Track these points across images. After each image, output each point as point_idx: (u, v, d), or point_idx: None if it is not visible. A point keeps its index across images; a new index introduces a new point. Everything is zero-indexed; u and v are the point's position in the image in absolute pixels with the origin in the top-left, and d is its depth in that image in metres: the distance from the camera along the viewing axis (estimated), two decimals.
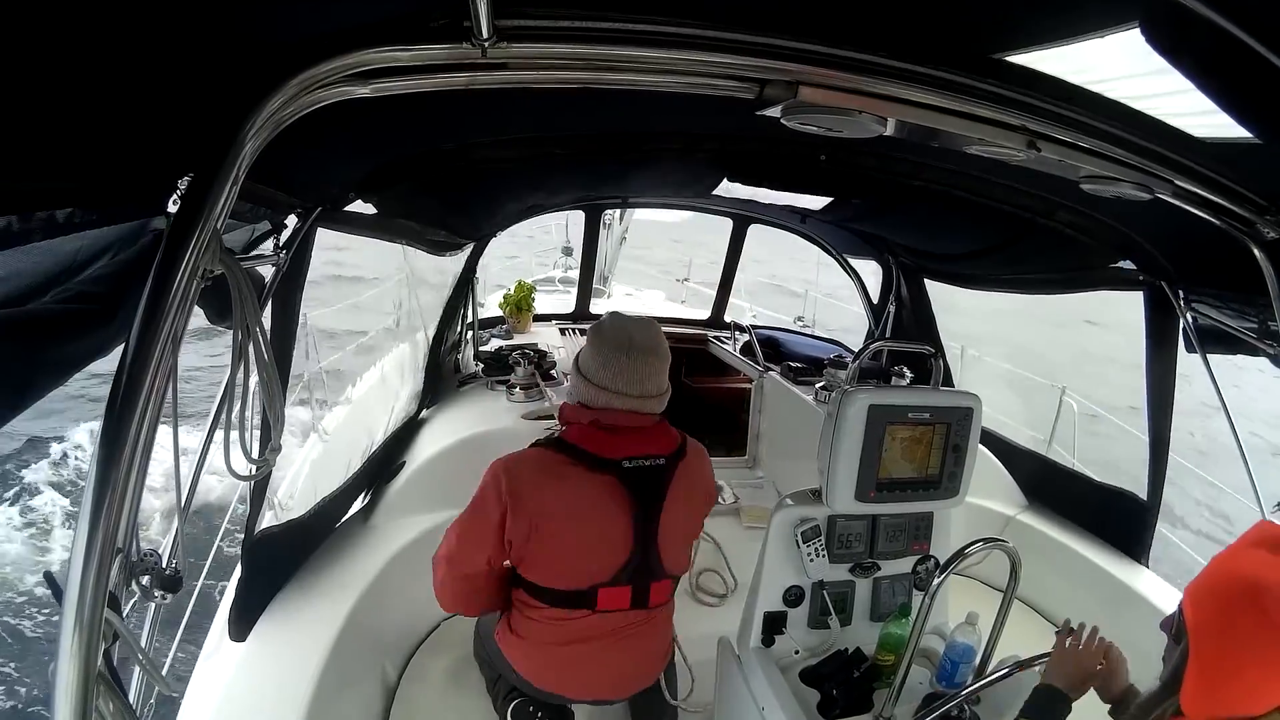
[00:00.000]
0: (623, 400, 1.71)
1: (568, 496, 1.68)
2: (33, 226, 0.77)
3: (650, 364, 1.72)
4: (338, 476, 2.62)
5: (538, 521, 1.66)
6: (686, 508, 1.83)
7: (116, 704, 0.89)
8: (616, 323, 1.78)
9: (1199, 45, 0.87)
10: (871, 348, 2.46)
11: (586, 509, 1.69)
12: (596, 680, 1.88)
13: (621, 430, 1.73)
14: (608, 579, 1.73)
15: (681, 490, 1.78)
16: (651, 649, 1.93)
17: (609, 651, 1.82)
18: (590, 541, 1.71)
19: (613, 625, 1.79)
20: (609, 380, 1.71)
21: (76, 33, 0.67)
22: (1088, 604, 2.79)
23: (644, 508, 1.72)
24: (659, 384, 1.76)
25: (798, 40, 1.06)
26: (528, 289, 4.57)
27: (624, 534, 1.71)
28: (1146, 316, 2.67)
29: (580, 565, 1.73)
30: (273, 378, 1.26)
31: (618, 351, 1.71)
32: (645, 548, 1.74)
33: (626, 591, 1.76)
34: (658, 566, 1.78)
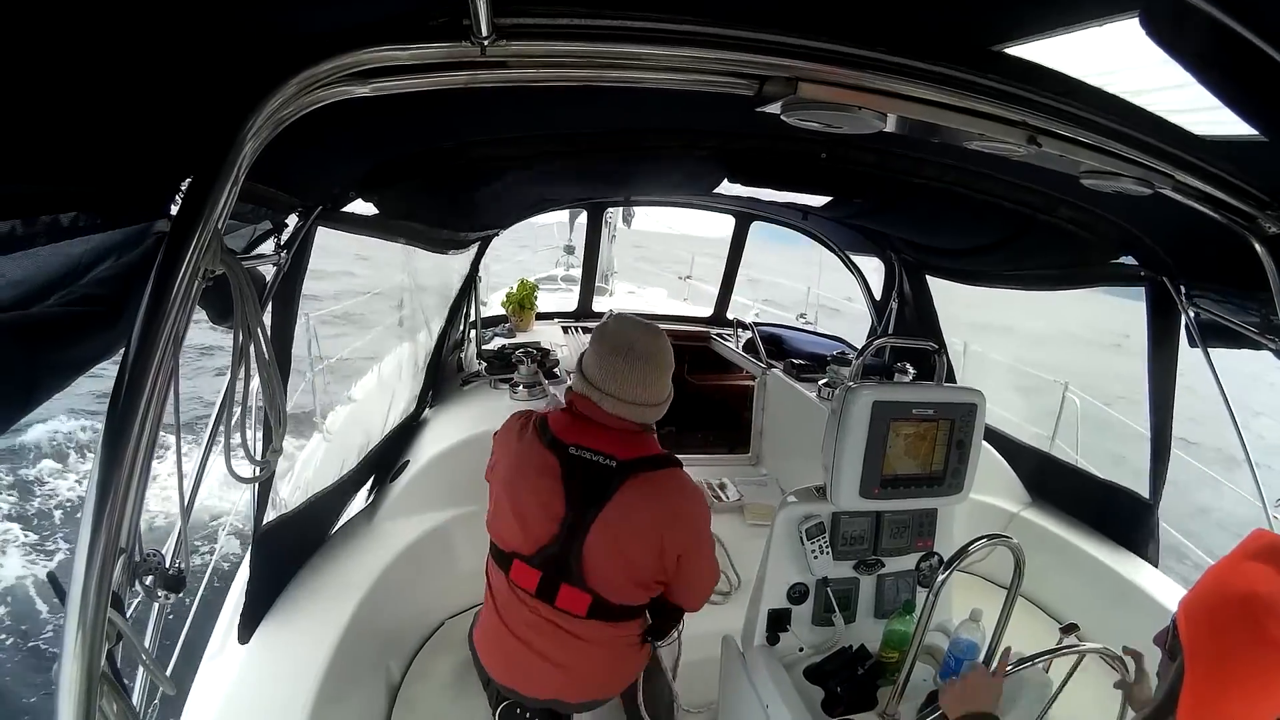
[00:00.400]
0: (611, 402, 1.69)
1: (516, 458, 1.73)
2: (37, 230, 0.77)
3: (645, 372, 1.69)
4: (341, 475, 2.62)
5: (497, 467, 1.80)
6: (631, 531, 1.67)
7: (120, 704, 0.89)
8: (621, 326, 1.75)
9: (1199, 39, 0.87)
10: (874, 344, 2.46)
11: (525, 475, 1.71)
12: (539, 672, 1.78)
13: (589, 422, 1.71)
14: (525, 554, 1.70)
15: (631, 508, 1.65)
16: (566, 659, 1.77)
17: (530, 637, 1.75)
18: (518, 507, 1.71)
19: (530, 614, 1.73)
20: (601, 380, 1.70)
21: (77, 37, 0.67)
22: (1091, 600, 2.79)
23: (579, 502, 1.65)
24: (654, 393, 1.72)
25: (797, 36, 1.06)
26: (530, 287, 4.57)
27: (549, 516, 1.67)
28: (1148, 312, 2.67)
29: (508, 526, 1.73)
30: (273, 377, 1.26)
31: (615, 355, 1.69)
32: (566, 543, 1.66)
33: (535, 576, 1.70)
34: (576, 569, 1.67)
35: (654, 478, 1.69)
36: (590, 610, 1.70)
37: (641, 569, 1.72)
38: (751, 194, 3.02)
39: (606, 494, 1.64)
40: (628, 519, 1.66)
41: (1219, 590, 1.00)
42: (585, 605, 1.70)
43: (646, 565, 1.71)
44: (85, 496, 0.83)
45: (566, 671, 1.78)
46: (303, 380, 4.59)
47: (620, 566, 1.69)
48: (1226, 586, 0.99)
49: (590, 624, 1.72)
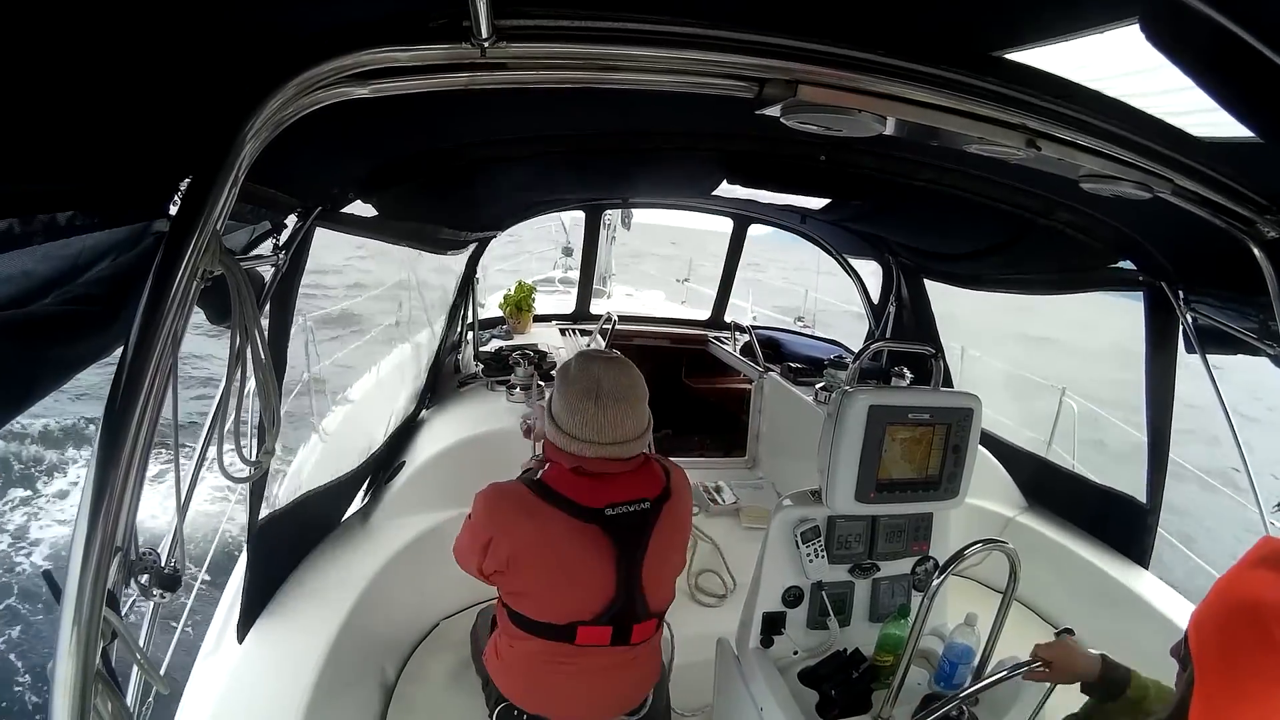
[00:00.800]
0: (595, 449, 1.63)
1: (546, 539, 1.63)
2: (35, 229, 0.77)
3: (621, 410, 1.63)
4: (338, 475, 2.62)
5: (516, 556, 1.64)
6: (671, 544, 1.80)
7: (115, 703, 0.89)
8: (582, 366, 1.68)
9: (1198, 42, 0.87)
10: (871, 348, 2.46)
11: (566, 554, 1.64)
12: (580, 706, 1.83)
13: (604, 477, 1.67)
14: (588, 619, 1.68)
15: (666, 529, 1.73)
16: (636, 679, 1.89)
17: (591, 681, 1.79)
18: (569, 584, 1.67)
19: (594, 659, 1.75)
20: (578, 429, 1.63)
21: (77, 36, 0.67)
22: (1087, 605, 2.79)
23: (627, 553, 1.67)
24: (634, 428, 1.67)
25: (797, 39, 1.06)
26: (528, 289, 4.57)
27: (606, 579, 1.66)
28: (1146, 317, 2.67)
29: (558, 603, 1.69)
30: (269, 378, 1.26)
31: (585, 399, 1.62)
32: (629, 592, 1.69)
33: (607, 631, 1.70)
34: (642, 609, 1.73)
35: (673, 498, 1.77)
36: (657, 625, 1.85)
37: (680, 563, 1.90)
38: (750, 196, 3.01)
39: (648, 534, 1.70)
40: (667, 535, 1.76)
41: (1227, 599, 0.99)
42: (653, 627, 1.83)
43: (681, 558, 1.91)
44: (81, 495, 0.83)
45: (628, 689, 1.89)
46: (300, 381, 4.58)
47: (668, 578, 1.84)
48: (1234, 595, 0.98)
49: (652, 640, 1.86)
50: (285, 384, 1.86)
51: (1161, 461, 2.80)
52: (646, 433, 1.72)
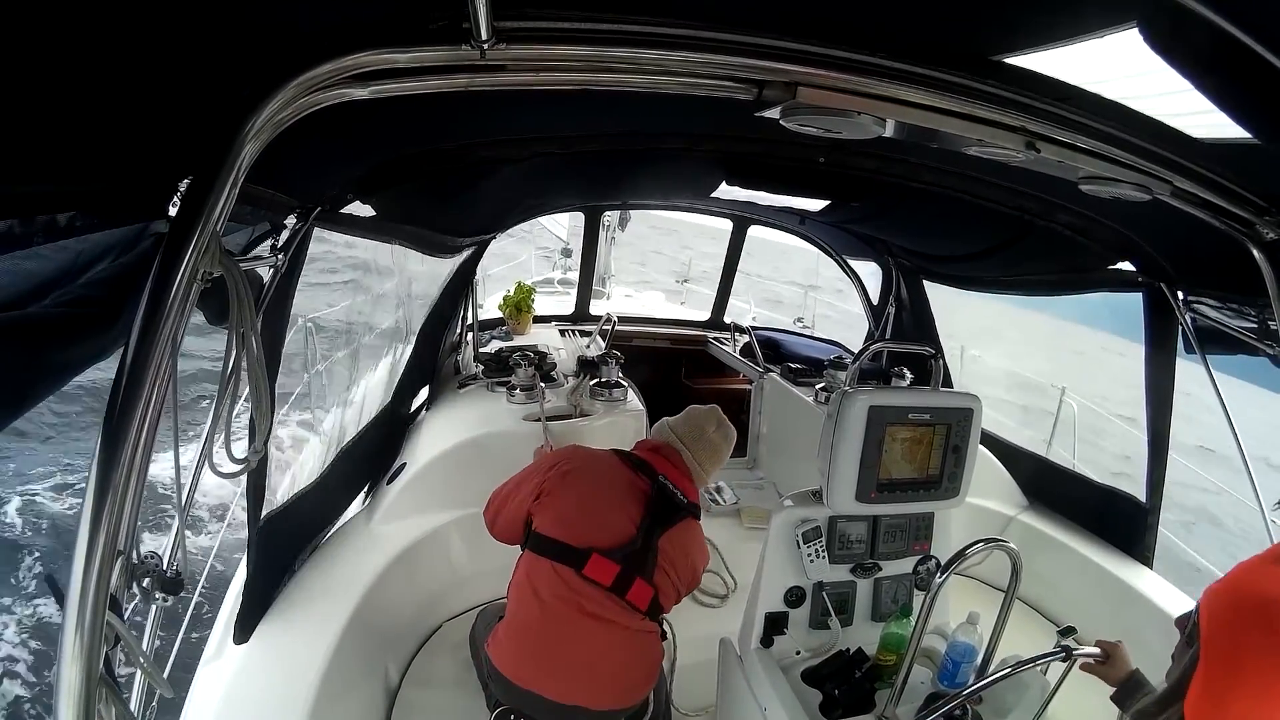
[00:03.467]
0: (691, 461, 2.18)
1: (605, 472, 2.06)
2: (34, 230, 0.77)
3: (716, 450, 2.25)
4: (337, 475, 2.62)
5: (574, 472, 2.03)
6: (684, 550, 2.02)
7: (118, 707, 0.89)
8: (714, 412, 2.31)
9: (1197, 45, 0.87)
10: (871, 349, 2.47)
11: (616, 486, 2.02)
12: (565, 673, 1.88)
13: (669, 463, 2.13)
14: (605, 548, 1.90)
15: (685, 535, 2.03)
16: (623, 659, 1.93)
17: (579, 636, 1.87)
18: (604, 508, 1.97)
19: (591, 605, 1.87)
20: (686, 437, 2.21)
21: (77, 38, 0.67)
22: (1089, 603, 2.79)
23: (656, 516, 1.97)
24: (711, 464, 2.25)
25: (796, 42, 1.06)
26: (527, 290, 4.57)
27: (633, 521, 1.94)
28: (1145, 318, 2.67)
29: (585, 524, 1.95)
30: (262, 379, 1.26)
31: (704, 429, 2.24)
32: (646, 544, 1.92)
33: (614, 570, 1.89)
34: (651, 568, 1.93)
35: (697, 526, 2.10)
36: (650, 607, 1.93)
37: (681, 580, 2.02)
38: (749, 198, 3.01)
39: (674, 519, 2.00)
40: (681, 542, 2.01)
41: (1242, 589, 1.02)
42: (649, 600, 1.93)
43: (684, 579, 2.03)
44: (83, 499, 0.82)
45: (603, 672, 1.91)
46: (300, 382, 4.57)
47: (674, 572, 1.98)
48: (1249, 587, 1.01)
49: (644, 621, 1.95)
50: (284, 384, 1.85)
51: (1161, 460, 2.80)
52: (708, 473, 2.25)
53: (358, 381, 4.47)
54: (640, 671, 1.98)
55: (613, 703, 1.92)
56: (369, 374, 4.44)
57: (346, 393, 4.43)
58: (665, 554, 1.95)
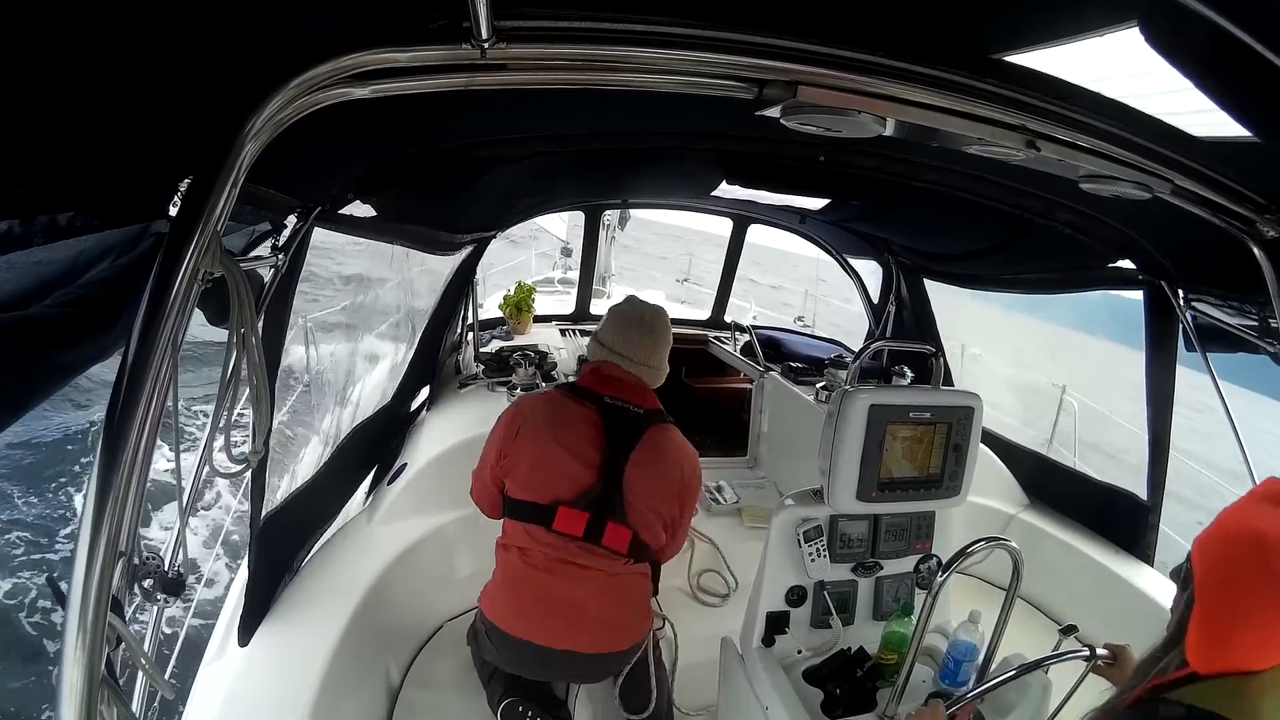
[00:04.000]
0: (628, 364, 2.06)
1: (554, 418, 1.99)
2: (34, 230, 0.77)
3: (658, 341, 2.10)
4: (338, 476, 2.62)
5: (526, 426, 1.99)
6: (659, 469, 2.00)
7: (120, 708, 0.89)
8: (634, 304, 2.17)
9: (1198, 44, 0.87)
10: (872, 347, 2.46)
11: (566, 429, 1.96)
12: (553, 620, 1.95)
13: (612, 380, 2.05)
14: (570, 499, 1.91)
15: (657, 451, 1.99)
16: (607, 603, 1.97)
17: (562, 584, 1.93)
18: (562, 459, 1.93)
19: (567, 553, 1.92)
20: (621, 347, 2.08)
21: (77, 37, 0.67)
22: (1090, 602, 2.80)
23: (614, 445, 1.95)
24: (661, 359, 2.12)
25: (797, 40, 1.06)
26: (527, 290, 4.57)
27: (592, 461, 1.93)
28: (1146, 316, 2.67)
29: (548, 479, 1.94)
30: (262, 379, 1.26)
31: (631, 327, 2.09)
32: (610, 482, 1.92)
33: (583, 518, 1.91)
34: (619, 506, 1.93)
35: (669, 430, 2.07)
36: (630, 546, 1.94)
37: (665, 505, 2.01)
38: (750, 196, 3.01)
39: (636, 437, 1.97)
40: (654, 460, 1.98)
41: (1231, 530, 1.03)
42: (627, 541, 1.94)
43: (668, 502, 2.01)
44: (84, 500, 0.82)
45: (589, 616, 1.95)
46: (300, 383, 4.58)
47: (651, 501, 1.97)
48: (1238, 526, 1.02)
49: (626, 564, 1.96)
50: (285, 385, 1.85)
51: (1162, 459, 2.80)
52: (664, 371, 2.15)
53: (358, 382, 4.47)
54: (627, 613, 2.02)
55: (603, 646, 1.98)
56: (369, 375, 4.45)
57: (347, 393, 4.44)
58: (634, 485, 1.93)
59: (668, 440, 2.03)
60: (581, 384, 2.07)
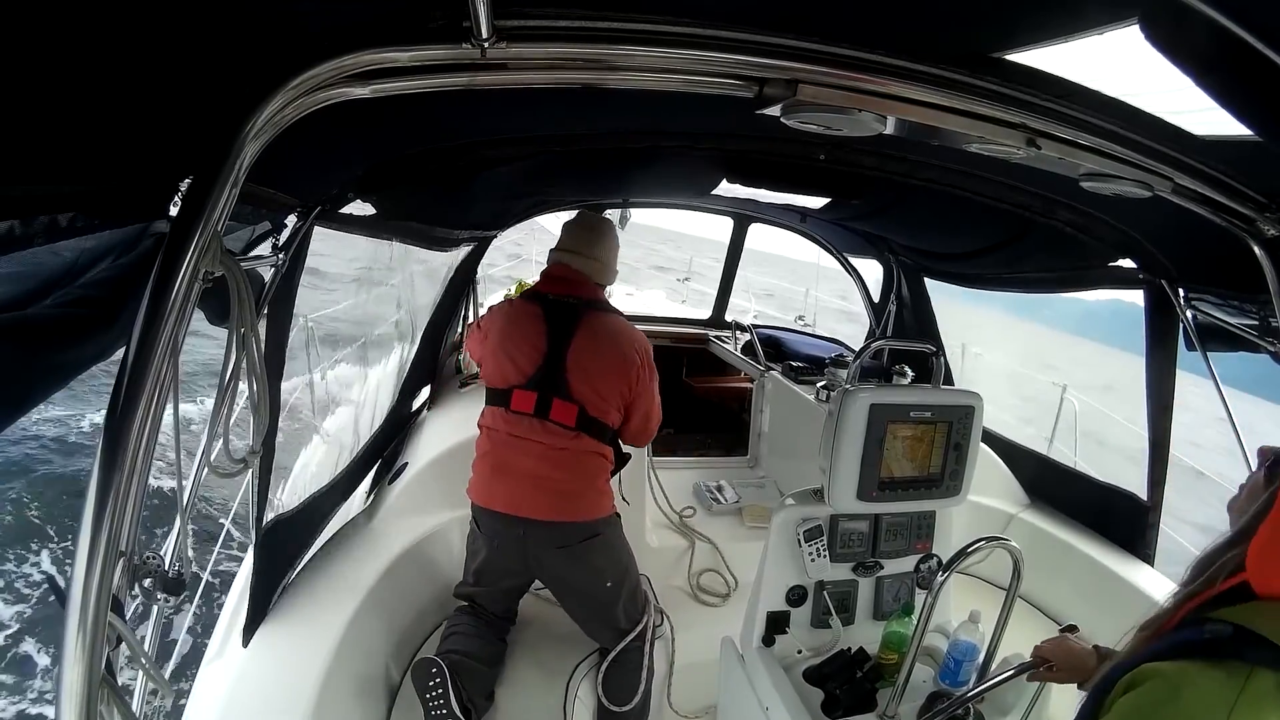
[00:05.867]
0: (567, 256, 2.35)
1: (506, 317, 2.31)
2: (34, 231, 0.77)
3: (594, 233, 2.40)
4: (339, 476, 2.62)
5: (490, 330, 2.32)
6: (597, 348, 2.22)
7: (120, 708, 0.89)
8: (579, 214, 2.48)
9: (1198, 42, 0.87)
10: (872, 347, 2.47)
11: (517, 324, 2.26)
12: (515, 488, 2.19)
13: (556, 279, 2.34)
14: (521, 382, 2.20)
15: (595, 333, 2.23)
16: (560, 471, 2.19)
17: (522, 454, 2.19)
18: (513, 349, 2.23)
19: (525, 429, 2.19)
20: (564, 242, 2.39)
21: (77, 37, 0.67)
22: (1091, 601, 2.79)
23: (556, 333, 2.21)
24: (599, 252, 2.38)
25: (797, 39, 1.06)
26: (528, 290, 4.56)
27: (537, 348, 2.20)
28: (1146, 316, 2.67)
29: (505, 366, 2.23)
30: (261, 379, 1.26)
31: (571, 226, 2.42)
32: (552, 364, 2.18)
33: (532, 397, 2.18)
34: (562, 385, 2.18)
35: (608, 317, 2.31)
36: (578, 421, 2.18)
37: (608, 381, 2.22)
38: (750, 195, 3.01)
39: (575, 323, 2.22)
40: (592, 342, 2.22)
41: None
42: (574, 415, 2.18)
43: (611, 379, 2.23)
44: (85, 499, 0.82)
45: (543, 483, 2.17)
46: (302, 382, 4.58)
47: (595, 378, 2.20)
48: None
49: (575, 437, 2.19)
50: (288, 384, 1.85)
51: (1162, 459, 2.80)
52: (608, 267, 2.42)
53: (359, 382, 4.47)
54: (580, 484, 2.23)
55: (559, 514, 2.18)
56: (370, 374, 4.45)
57: (348, 393, 4.44)
58: (577, 363, 2.18)
59: (605, 324, 2.26)
60: (534, 286, 2.38)
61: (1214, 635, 0.92)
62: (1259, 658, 0.87)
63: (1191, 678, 0.90)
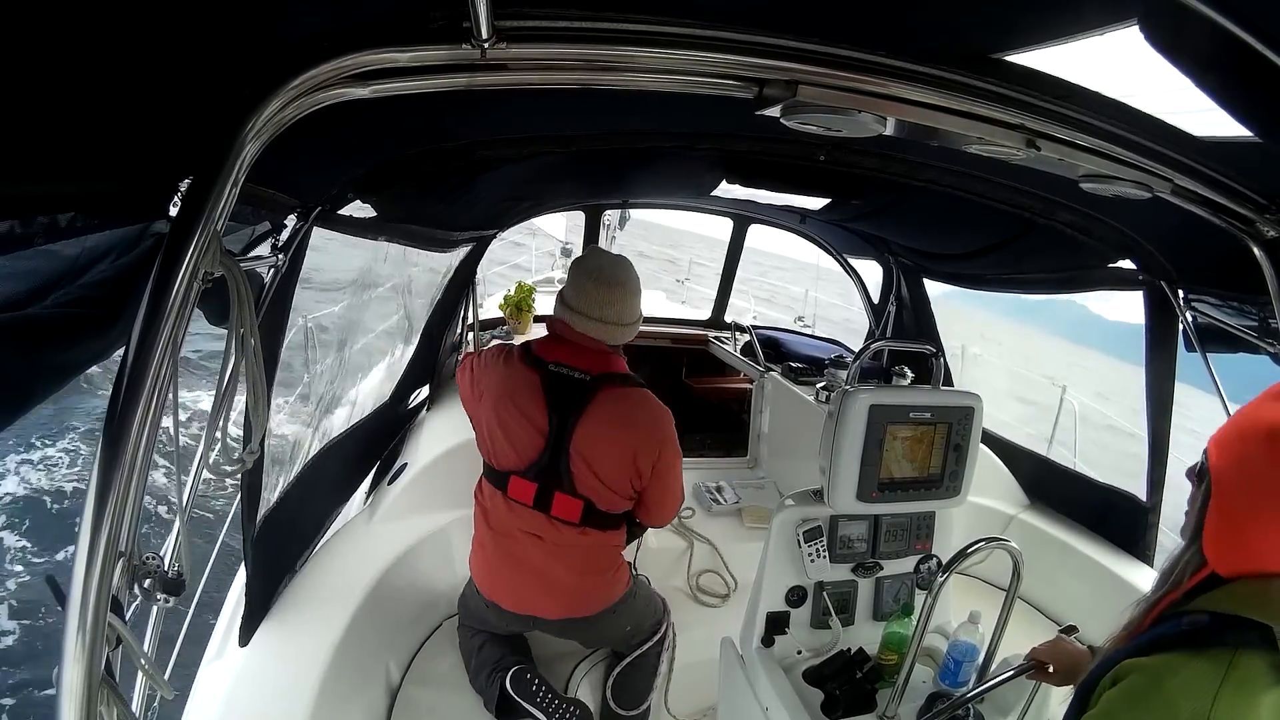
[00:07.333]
0: (581, 321, 1.94)
1: (503, 381, 1.95)
2: (34, 231, 0.77)
3: (613, 292, 1.94)
4: (337, 476, 2.61)
5: (484, 393, 1.98)
6: (606, 438, 1.90)
7: (120, 708, 0.89)
8: (593, 255, 2.03)
9: (1197, 43, 0.87)
10: (872, 347, 2.47)
11: (514, 396, 1.92)
12: (520, 585, 1.99)
13: (564, 342, 1.97)
14: (520, 469, 1.91)
15: (605, 418, 1.89)
16: (568, 571, 1.97)
17: (527, 552, 1.96)
18: (509, 427, 1.92)
19: (527, 522, 1.94)
20: (575, 302, 1.95)
21: (77, 37, 0.67)
22: (1091, 602, 2.79)
23: (559, 414, 1.88)
24: (620, 313, 1.96)
25: (797, 39, 1.06)
26: (527, 290, 4.56)
27: (535, 430, 1.90)
28: (1146, 316, 2.67)
29: (501, 447, 1.94)
30: (259, 379, 1.26)
31: (586, 279, 1.95)
32: (555, 453, 1.89)
33: (532, 489, 1.91)
34: (566, 477, 1.90)
35: (624, 392, 1.94)
36: (583, 516, 1.91)
37: (620, 474, 1.92)
38: (750, 196, 3.01)
39: (582, 404, 1.88)
40: (603, 427, 1.89)
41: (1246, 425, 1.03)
42: (578, 511, 1.91)
43: (623, 470, 1.92)
44: (84, 499, 0.82)
45: (552, 584, 1.97)
46: (300, 382, 4.57)
47: (603, 471, 1.90)
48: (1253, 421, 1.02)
49: (582, 533, 1.94)
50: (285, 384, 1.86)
51: (1161, 459, 2.80)
52: (631, 327, 2.01)
53: (358, 382, 4.47)
54: (589, 580, 2.01)
55: (567, 612, 2.00)
56: (370, 375, 4.44)
57: (346, 393, 4.43)
58: (581, 452, 1.87)
59: (619, 402, 1.92)
60: (534, 347, 1.98)
61: (1192, 625, 0.97)
62: (1241, 640, 0.90)
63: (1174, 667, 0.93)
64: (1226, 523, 1.00)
